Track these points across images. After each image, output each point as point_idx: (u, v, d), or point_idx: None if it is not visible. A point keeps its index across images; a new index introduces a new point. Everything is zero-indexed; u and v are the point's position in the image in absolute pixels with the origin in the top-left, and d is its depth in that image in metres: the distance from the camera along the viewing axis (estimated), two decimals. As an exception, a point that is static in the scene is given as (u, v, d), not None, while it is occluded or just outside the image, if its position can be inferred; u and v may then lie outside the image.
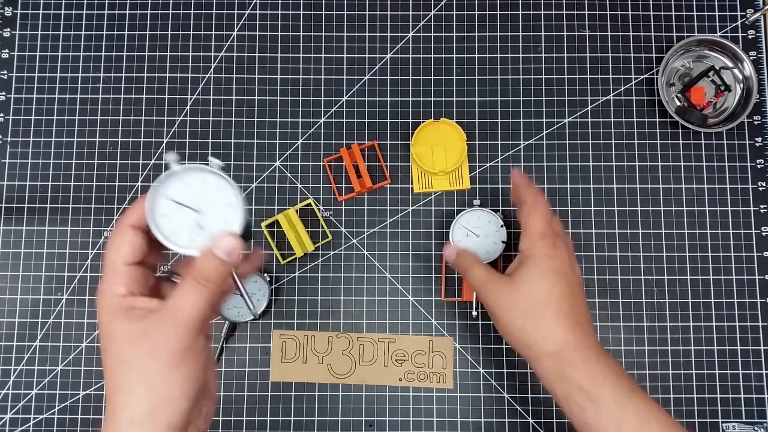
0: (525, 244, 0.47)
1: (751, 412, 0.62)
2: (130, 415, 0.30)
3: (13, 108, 0.66)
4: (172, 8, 0.68)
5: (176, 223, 0.32)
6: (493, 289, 0.47)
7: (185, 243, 0.32)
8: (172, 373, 0.30)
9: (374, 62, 0.67)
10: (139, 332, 0.31)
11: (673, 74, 0.67)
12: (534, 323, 0.44)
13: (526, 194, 0.49)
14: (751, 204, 0.65)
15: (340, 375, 0.62)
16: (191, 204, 0.33)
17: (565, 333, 0.43)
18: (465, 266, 0.50)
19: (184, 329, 0.31)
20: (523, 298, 0.45)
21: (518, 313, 0.45)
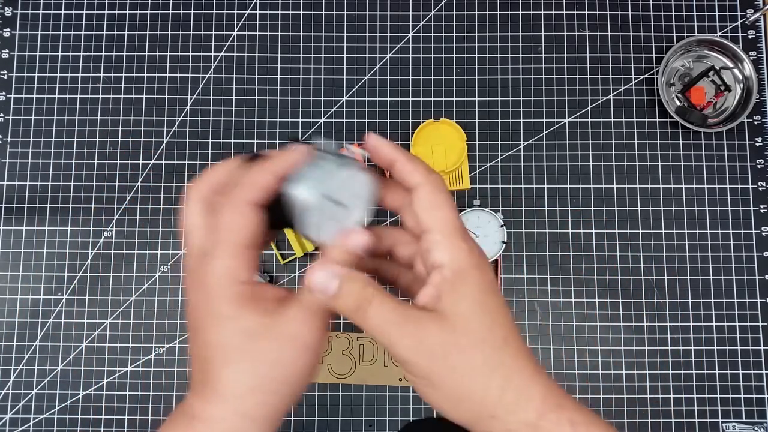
0: (442, 255, 0.29)
1: (751, 412, 0.61)
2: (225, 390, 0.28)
3: (13, 108, 0.66)
4: (172, 8, 0.68)
5: (316, 215, 0.30)
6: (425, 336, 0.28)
7: (316, 236, 0.30)
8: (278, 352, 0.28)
9: (374, 62, 0.67)
10: (267, 324, 0.28)
11: (673, 74, 0.67)
12: (502, 381, 0.28)
13: (411, 164, 0.31)
14: (751, 204, 0.65)
15: (340, 375, 0.62)
16: (335, 196, 0.30)
17: (541, 384, 0.29)
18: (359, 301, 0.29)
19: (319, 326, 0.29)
20: (476, 343, 0.28)
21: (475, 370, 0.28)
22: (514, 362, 0.28)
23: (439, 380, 0.28)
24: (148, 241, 0.64)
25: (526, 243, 0.64)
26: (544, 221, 0.64)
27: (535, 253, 0.64)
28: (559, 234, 0.64)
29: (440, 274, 0.29)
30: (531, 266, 0.64)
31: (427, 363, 0.28)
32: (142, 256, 0.64)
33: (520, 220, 0.64)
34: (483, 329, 0.28)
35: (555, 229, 0.64)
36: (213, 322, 0.28)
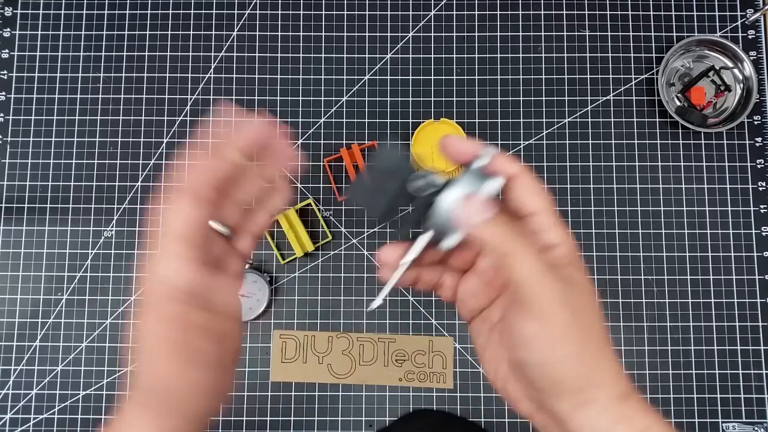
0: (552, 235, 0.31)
1: (751, 412, 0.61)
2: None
3: (13, 108, 0.66)
4: (172, 8, 0.68)
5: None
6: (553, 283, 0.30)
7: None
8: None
9: (374, 62, 0.67)
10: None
11: (673, 74, 0.67)
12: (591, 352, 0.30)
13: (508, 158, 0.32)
14: (751, 204, 0.65)
15: (340, 375, 0.62)
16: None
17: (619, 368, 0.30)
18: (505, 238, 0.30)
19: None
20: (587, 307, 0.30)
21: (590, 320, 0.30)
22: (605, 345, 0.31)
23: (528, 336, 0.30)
24: (148, 241, 0.64)
25: (526, 243, 0.64)
26: (544, 221, 0.64)
27: (535, 253, 0.64)
28: (559, 234, 0.64)
29: (560, 250, 0.31)
30: (531, 266, 0.64)
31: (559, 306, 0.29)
32: (142, 256, 0.64)
33: (520, 220, 0.64)
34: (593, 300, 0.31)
35: (555, 229, 0.64)
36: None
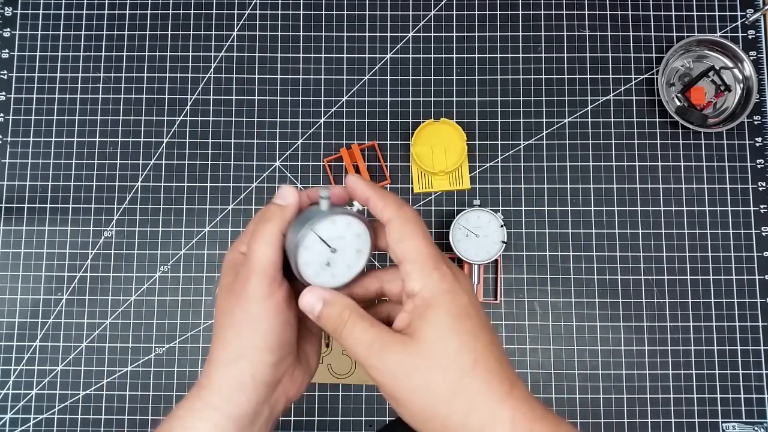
0: (414, 283, 0.31)
1: (751, 412, 0.61)
2: (221, 357, 0.33)
3: (13, 108, 0.66)
4: (172, 8, 0.68)
5: (310, 256, 0.34)
6: (388, 358, 0.30)
7: (311, 275, 0.34)
8: (254, 323, 0.33)
9: (374, 62, 0.67)
10: (230, 283, 0.35)
11: (673, 74, 0.67)
12: (466, 404, 0.29)
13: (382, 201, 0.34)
14: (751, 204, 0.65)
15: (340, 375, 0.62)
16: (330, 242, 0.34)
17: (511, 408, 0.29)
18: (337, 323, 0.33)
19: (255, 272, 0.33)
20: (439, 367, 0.29)
21: (437, 393, 0.29)
22: (482, 385, 0.29)
23: (402, 400, 0.30)
24: (148, 241, 0.64)
25: (526, 243, 0.64)
26: (544, 221, 0.65)
27: (535, 253, 0.64)
28: (559, 234, 0.64)
29: (412, 302, 0.32)
30: (531, 266, 0.64)
31: (390, 382, 0.30)
32: (142, 256, 0.64)
33: (520, 220, 0.64)
34: (449, 353, 0.30)
35: (555, 229, 0.64)
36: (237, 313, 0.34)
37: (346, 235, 0.34)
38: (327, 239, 0.34)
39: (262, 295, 0.33)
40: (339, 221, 0.34)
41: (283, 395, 0.36)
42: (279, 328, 0.33)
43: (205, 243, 0.64)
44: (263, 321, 0.33)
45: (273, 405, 0.35)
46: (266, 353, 0.33)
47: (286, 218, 0.34)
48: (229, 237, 0.65)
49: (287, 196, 0.35)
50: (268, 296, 0.33)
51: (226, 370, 0.33)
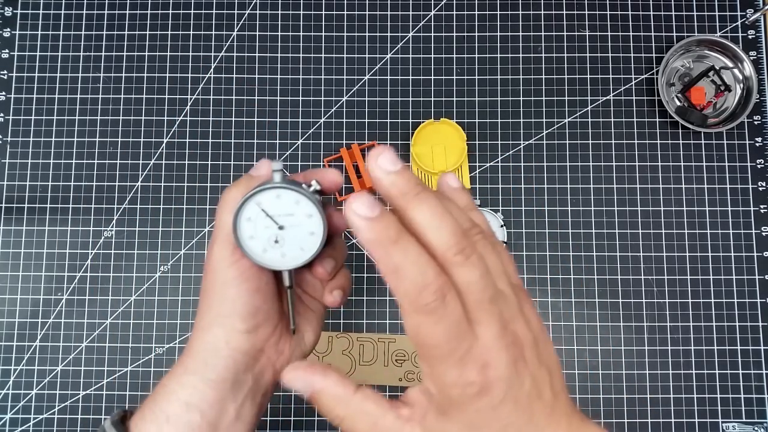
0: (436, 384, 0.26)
1: (751, 412, 0.62)
2: (198, 324, 0.34)
3: (13, 108, 0.66)
4: (172, 8, 0.68)
5: (256, 230, 0.33)
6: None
7: (258, 252, 0.33)
8: (220, 291, 0.34)
9: (374, 62, 0.67)
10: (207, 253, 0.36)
11: (673, 74, 0.67)
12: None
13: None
14: (751, 204, 0.65)
15: (340, 375, 0.62)
16: (277, 218, 0.33)
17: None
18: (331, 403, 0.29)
19: (218, 238, 0.34)
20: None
21: None
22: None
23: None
24: (148, 241, 0.64)
25: (526, 243, 0.64)
26: (544, 221, 0.65)
27: (535, 253, 0.64)
28: (559, 234, 0.64)
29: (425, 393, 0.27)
30: (531, 266, 0.64)
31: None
32: (142, 256, 0.64)
33: (520, 220, 0.64)
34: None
35: (555, 229, 0.64)
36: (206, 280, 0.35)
37: (295, 213, 0.33)
38: (273, 215, 0.33)
39: (225, 261, 0.33)
40: (285, 196, 0.33)
41: (269, 366, 0.35)
42: (246, 294, 0.33)
43: (205, 243, 0.64)
44: (228, 288, 0.33)
45: (258, 375, 0.35)
46: (236, 320, 0.33)
47: (250, 187, 0.34)
48: (229, 237, 0.65)
49: (261, 168, 0.35)
50: (232, 263, 0.33)
51: (203, 336, 0.34)
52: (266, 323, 0.35)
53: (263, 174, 0.35)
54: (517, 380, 0.25)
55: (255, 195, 0.33)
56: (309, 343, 0.38)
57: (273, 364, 0.36)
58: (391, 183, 0.27)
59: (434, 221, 0.25)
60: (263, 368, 0.35)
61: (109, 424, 0.34)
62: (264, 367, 0.35)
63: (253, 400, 0.35)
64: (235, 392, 0.34)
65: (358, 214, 0.25)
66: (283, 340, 0.36)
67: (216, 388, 0.33)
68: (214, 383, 0.33)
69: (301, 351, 0.37)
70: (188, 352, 0.34)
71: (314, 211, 0.33)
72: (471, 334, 0.25)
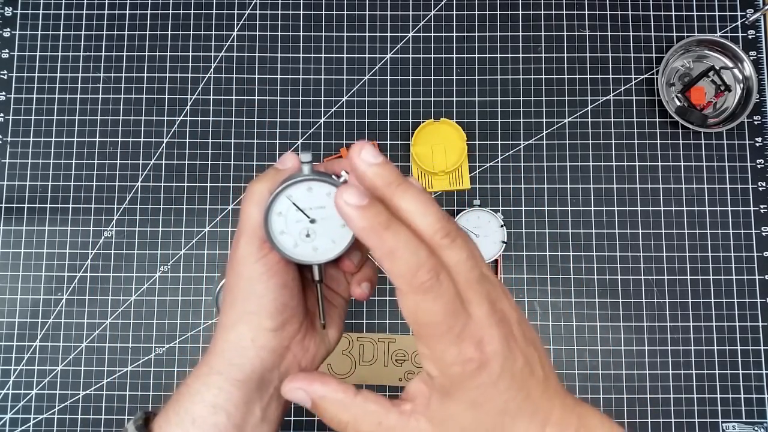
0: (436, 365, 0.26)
1: (751, 412, 0.61)
2: (224, 322, 0.33)
3: (13, 108, 0.66)
4: (172, 8, 0.68)
5: (287, 225, 0.32)
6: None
7: (289, 246, 0.32)
8: (246, 287, 0.33)
9: (374, 62, 0.67)
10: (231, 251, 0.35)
11: (673, 74, 0.67)
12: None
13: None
14: (751, 204, 0.65)
15: (340, 375, 0.62)
16: (309, 212, 0.32)
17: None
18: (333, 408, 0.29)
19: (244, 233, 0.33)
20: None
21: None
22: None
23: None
24: (148, 241, 0.64)
25: (526, 243, 0.64)
26: (544, 221, 0.65)
27: (535, 253, 0.64)
28: (559, 234, 0.64)
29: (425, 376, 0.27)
30: (531, 266, 0.64)
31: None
32: (142, 256, 0.64)
33: (520, 220, 0.64)
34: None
35: (555, 229, 0.64)
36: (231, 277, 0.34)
37: (327, 206, 0.32)
38: (304, 208, 0.32)
39: (252, 256, 0.32)
40: (317, 189, 0.32)
41: (294, 364, 0.34)
42: (274, 290, 0.32)
43: (205, 243, 0.64)
44: (255, 284, 0.32)
45: (284, 374, 0.34)
46: (263, 318, 0.32)
47: (278, 181, 0.33)
48: (228, 237, 0.65)
49: (286, 161, 0.34)
50: (259, 258, 0.32)
51: (227, 335, 0.33)
52: (293, 320, 0.34)
53: (290, 167, 0.34)
54: (510, 356, 0.26)
55: (286, 188, 0.32)
56: (333, 339, 0.37)
57: (299, 362, 0.35)
58: (375, 174, 0.27)
59: (420, 207, 0.27)
60: (289, 366, 0.34)
61: (132, 428, 0.33)
62: (290, 365, 0.34)
63: (278, 400, 0.34)
64: (261, 392, 0.33)
65: (349, 203, 0.26)
66: (308, 337, 0.35)
67: (242, 388, 0.32)
68: (240, 383, 0.32)
69: (325, 348, 0.36)
70: (213, 351, 0.33)
71: None
72: (465, 312, 0.26)
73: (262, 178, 0.34)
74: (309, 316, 0.36)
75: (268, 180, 0.33)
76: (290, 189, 0.32)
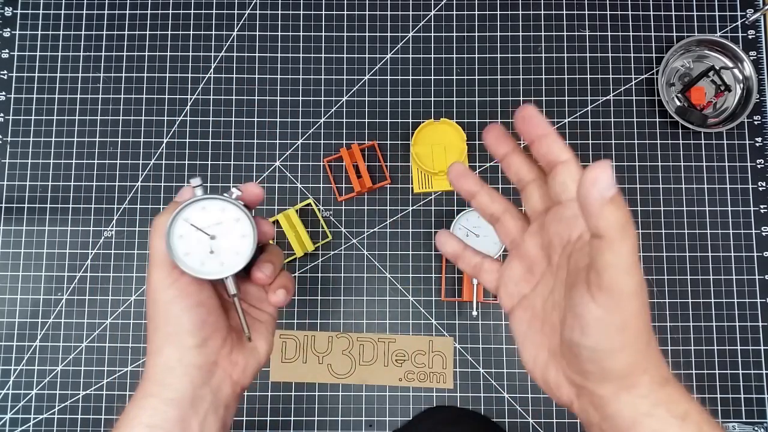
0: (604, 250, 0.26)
1: (751, 412, 0.61)
2: (150, 349, 0.35)
3: (13, 108, 0.66)
4: (172, 8, 0.68)
5: (190, 246, 0.34)
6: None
7: (196, 266, 0.34)
8: (164, 311, 0.34)
9: (374, 62, 0.67)
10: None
11: (673, 74, 0.67)
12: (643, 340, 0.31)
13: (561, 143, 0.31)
14: (751, 204, 0.65)
15: (340, 375, 0.62)
16: (207, 229, 0.34)
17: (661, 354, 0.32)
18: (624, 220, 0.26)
19: (154, 263, 0.35)
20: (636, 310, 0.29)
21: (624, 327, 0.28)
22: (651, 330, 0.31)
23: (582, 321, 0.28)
24: (148, 241, 0.64)
25: (526, 243, 0.64)
26: (544, 221, 0.64)
27: (535, 253, 0.64)
28: (559, 234, 0.64)
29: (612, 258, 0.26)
30: (531, 266, 0.64)
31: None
32: (142, 256, 0.64)
33: (520, 220, 0.64)
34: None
35: (555, 229, 0.64)
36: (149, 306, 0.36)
37: (223, 221, 0.35)
38: (202, 227, 0.34)
39: (163, 284, 0.34)
40: (210, 206, 0.34)
41: (225, 379, 0.36)
42: (190, 310, 0.34)
43: (205, 243, 0.64)
44: (171, 307, 0.34)
45: (215, 389, 0.35)
46: (184, 337, 0.34)
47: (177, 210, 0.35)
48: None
49: (184, 194, 0.37)
50: (170, 284, 0.34)
51: (155, 359, 0.35)
52: (215, 335, 0.36)
53: (188, 197, 0.36)
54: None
55: (181, 211, 0.34)
56: (263, 352, 0.39)
57: (229, 375, 0.36)
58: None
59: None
60: (220, 381, 0.36)
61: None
62: (221, 380, 0.36)
63: (215, 414, 0.35)
64: (195, 408, 0.34)
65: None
66: (236, 351, 0.37)
67: (176, 406, 0.34)
68: (173, 402, 0.34)
69: (255, 360, 0.38)
70: (145, 377, 0.35)
71: (240, 214, 0.35)
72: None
73: (163, 212, 0.36)
74: (233, 331, 0.38)
75: (168, 212, 0.35)
76: (185, 211, 0.34)
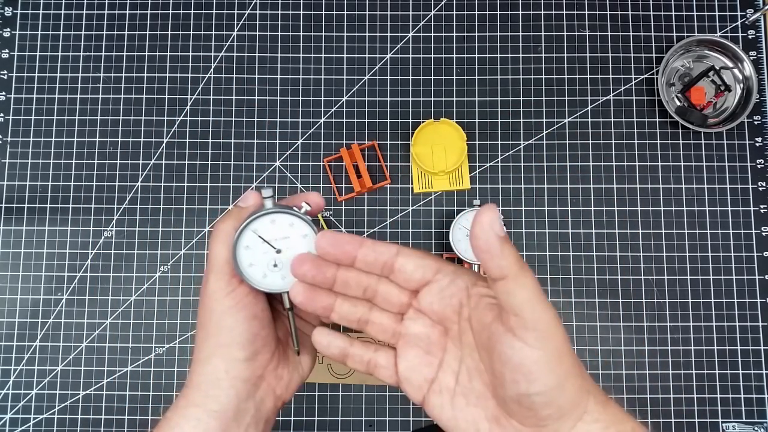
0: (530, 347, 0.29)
1: (751, 412, 0.61)
2: (197, 356, 0.35)
3: (13, 108, 0.66)
4: (172, 8, 0.68)
5: (255, 257, 0.34)
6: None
7: (258, 278, 0.34)
8: (218, 321, 0.34)
9: (374, 62, 0.67)
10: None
11: (673, 74, 0.67)
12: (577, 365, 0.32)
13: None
14: (751, 204, 0.65)
15: (340, 375, 0.62)
16: (274, 243, 0.34)
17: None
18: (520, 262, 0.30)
19: (212, 270, 0.34)
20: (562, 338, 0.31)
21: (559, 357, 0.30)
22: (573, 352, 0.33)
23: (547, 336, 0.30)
24: (148, 241, 0.64)
25: (526, 243, 0.64)
26: (544, 221, 0.65)
27: (535, 253, 0.64)
28: (559, 234, 0.64)
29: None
30: (531, 266, 0.64)
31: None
32: (142, 256, 0.64)
33: (520, 220, 0.64)
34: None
35: (555, 229, 0.64)
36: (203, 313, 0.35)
37: (291, 236, 0.34)
38: (270, 239, 0.34)
39: (221, 292, 0.34)
40: (280, 220, 0.34)
41: (269, 393, 0.36)
42: (244, 323, 0.34)
43: (205, 243, 0.64)
44: (226, 318, 0.34)
45: (259, 402, 0.35)
46: (235, 349, 0.34)
47: (242, 218, 0.35)
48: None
49: (248, 199, 0.36)
50: (228, 293, 0.34)
51: (202, 368, 0.34)
52: (264, 349, 0.35)
53: (252, 204, 0.36)
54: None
55: (251, 223, 0.34)
56: (306, 366, 0.39)
57: (273, 390, 0.36)
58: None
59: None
60: (264, 395, 0.36)
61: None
62: (265, 394, 0.36)
63: (256, 427, 0.35)
64: (238, 421, 0.34)
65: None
66: (282, 366, 0.37)
67: (219, 418, 0.33)
68: (217, 414, 0.33)
69: (299, 375, 0.38)
70: (189, 385, 0.35)
71: (309, 230, 0.34)
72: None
73: (226, 217, 0.35)
74: (281, 345, 0.37)
75: (232, 218, 0.35)
76: (255, 223, 0.34)
